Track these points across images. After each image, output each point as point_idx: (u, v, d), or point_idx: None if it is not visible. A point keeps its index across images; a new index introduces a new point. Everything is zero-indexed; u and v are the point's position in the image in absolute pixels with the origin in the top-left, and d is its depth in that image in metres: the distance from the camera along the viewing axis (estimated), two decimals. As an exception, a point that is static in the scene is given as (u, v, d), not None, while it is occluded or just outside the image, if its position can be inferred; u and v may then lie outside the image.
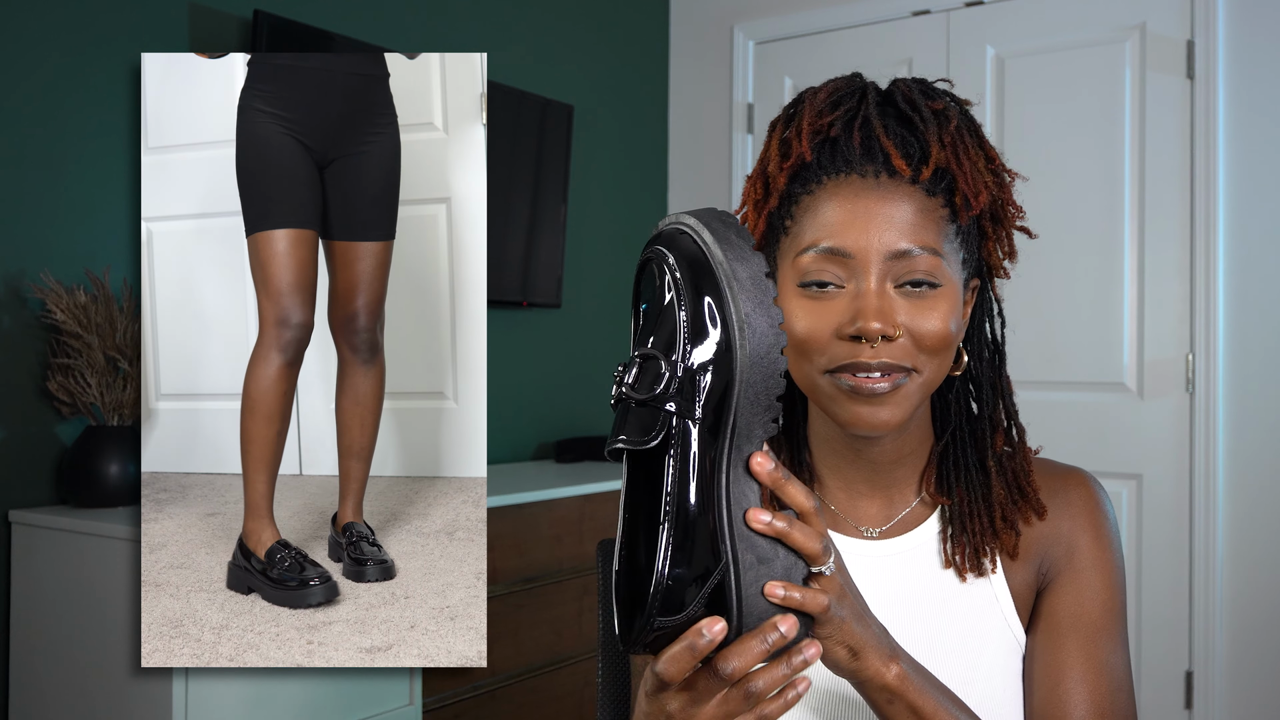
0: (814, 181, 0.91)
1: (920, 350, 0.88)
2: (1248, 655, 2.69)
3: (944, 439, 0.99)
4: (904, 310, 0.88)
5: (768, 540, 0.70)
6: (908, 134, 0.90)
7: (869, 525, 0.99)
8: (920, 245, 0.88)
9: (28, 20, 2.07)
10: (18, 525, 1.99)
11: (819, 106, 0.93)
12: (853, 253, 0.88)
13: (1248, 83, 2.73)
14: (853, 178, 0.89)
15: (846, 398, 0.89)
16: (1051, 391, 2.94)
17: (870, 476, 0.98)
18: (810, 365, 0.90)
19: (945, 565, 0.97)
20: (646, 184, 3.56)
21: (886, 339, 0.87)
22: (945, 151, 0.89)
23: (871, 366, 0.87)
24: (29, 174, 2.07)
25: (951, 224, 0.91)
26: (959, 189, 0.90)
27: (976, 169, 0.91)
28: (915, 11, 3.19)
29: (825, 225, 0.89)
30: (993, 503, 0.96)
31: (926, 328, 0.88)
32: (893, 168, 0.88)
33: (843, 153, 0.90)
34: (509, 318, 3.03)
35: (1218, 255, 2.75)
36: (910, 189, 0.89)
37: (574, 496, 2.52)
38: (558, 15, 3.22)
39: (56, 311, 1.98)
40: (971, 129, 0.93)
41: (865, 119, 0.91)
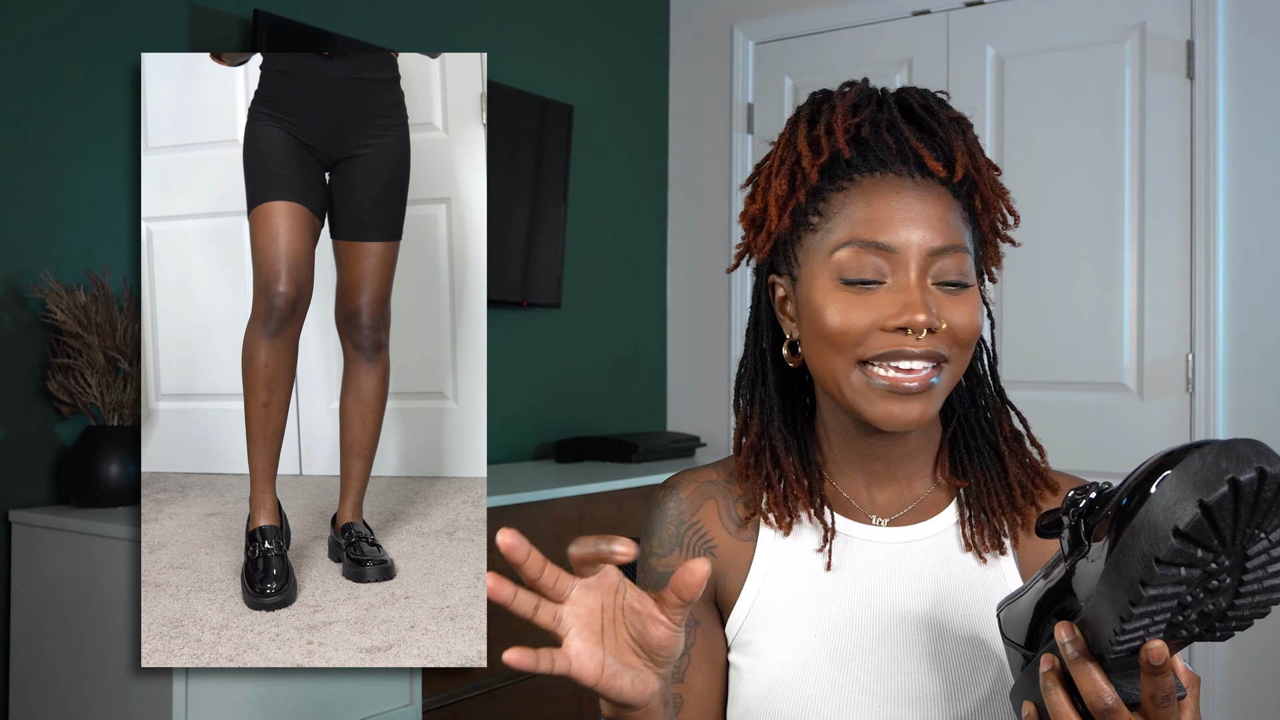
0: (845, 179, 0.93)
1: (955, 343, 0.92)
2: (1248, 655, 2.69)
3: (951, 426, 1.02)
4: (941, 305, 0.91)
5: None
6: (930, 139, 0.94)
7: (882, 514, 1.00)
8: (954, 243, 0.91)
9: (28, 20, 2.07)
10: (18, 525, 1.99)
11: (845, 107, 0.95)
12: (896, 248, 0.90)
13: (1248, 83, 2.73)
14: (889, 176, 0.92)
15: (878, 394, 0.91)
16: (1051, 391, 2.94)
17: (882, 470, 1.00)
18: (843, 358, 0.92)
19: (965, 549, 0.98)
20: (646, 184, 3.56)
21: (931, 331, 0.90)
22: (966, 157, 0.93)
23: (915, 354, 0.89)
24: (29, 174, 2.07)
25: (969, 226, 0.94)
26: (979, 193, 0.94)
27: (993, 174, 0.95)
28: (915, 11, 3.19)
29: (865, 221, 0.91)
30: (1010, 481, 1.00)
31: (962, 322, 0.91)
32: (926, 169, 0.92)
33: (875, 152, 0.93)
34: (509, 318, 3.03)
35: (1218, 255, 2.75)
36: (940, 189, 0.92)
37: (574, 496, 2.52)
38: (558, 15, 3.22)
39: (56, 311, 1.98)
40: (977, 141, 0.98)
41: (892, 122, 0.94)
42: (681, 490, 1.05)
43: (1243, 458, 0.65)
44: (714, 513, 1.03)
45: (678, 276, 3.61)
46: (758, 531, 1.01)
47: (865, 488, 1.01)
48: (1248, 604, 0.70)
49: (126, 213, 2.20)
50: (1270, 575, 0.69)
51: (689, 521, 1.03)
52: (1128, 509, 0.69)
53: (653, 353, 3.58)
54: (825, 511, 1.00)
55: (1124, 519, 0.69)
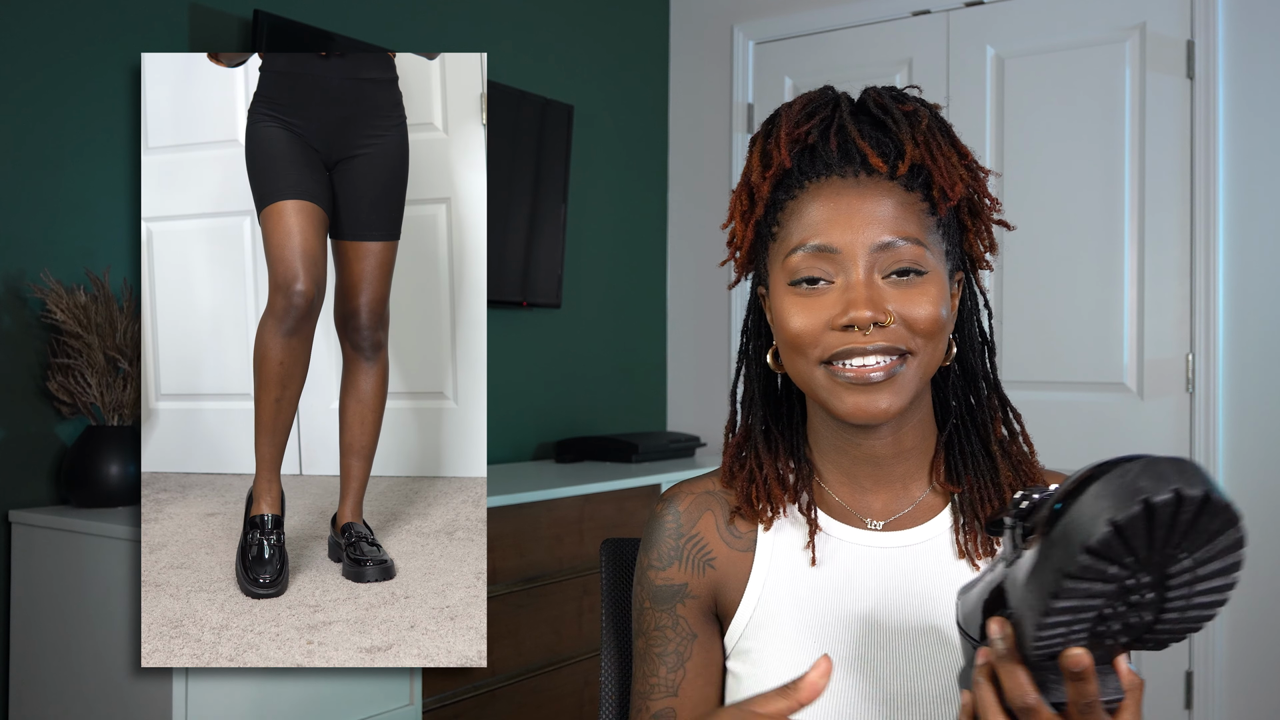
0: (796, 186, 0.95)
1: (914, 334, 0.91)
2: (1248, 655, 2.69)
3: (947, 429, 1.02)
4: (893, 298, 0.91)
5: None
6: (882, 135, 0.94)
7: (874, 518, 1.01)
8: (903, 236, 0.91)
9: (28, 20, 2.07)
10: (18, 525, 1.99)
11: (795, 117, 0.96)
12: (839, 248, 0.91)
13: (1248, 83, 2.73)
14: (833, 179, 0.93)
15: (844, 389, 0.92)
16: (1051, 391, 2.94)
17: (872, 472, 1.00)
18: (805, 360, 0.93)
19: (959, 555, 0.98)
20: (646, 184, 3.56)
21: (879, 325, 0.90)
22: (919, 149, 0.93)
23: (867, 350, 0.90)
24: (29, 174, 2.07)
25: (932, 217, 0.94)
26: (935, 182, 0.93)
27: (950, 163, 0.94)
28: (915, 11, 3.19)
29: (810, 225, 0.93)
30: (1001, 486, 0.99)
31: (918, 313, 0.91)
32: (870, 166, 0.92)
33: (821, 157, 0.94)
34: (509, 318, 3.03)
35: (1218, 255, 2.75)
36: (889, 185, 0.92)
37: (574, 496, 2.52)
38: (558, 15, 3.22)
39: (56, 311, 1.98)
40: (942, 128, 0.97)
41: (840, 125, 0.94)
42: (679, 503, 1.05)
43: (1162, 478, 0.65)
44: (712, 524, 1.03)
45: (678, 276, 3.61)
46: (756, 541, 1.02)
47: (858, 491, 1.01)
48: (1175, 620, 0.70)
49: (126, 213, 2.20)
50: (1196, 594, 0.69)
51: (688, 534, 1.03)
52: (1054, 517, 0.69)
53: (653, 353, 3.59)
54: (810, 509, 1.00)
55: (1049, 527, 0.69)
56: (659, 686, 1.01)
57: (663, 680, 1.01)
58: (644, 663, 1.03)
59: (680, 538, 1.03)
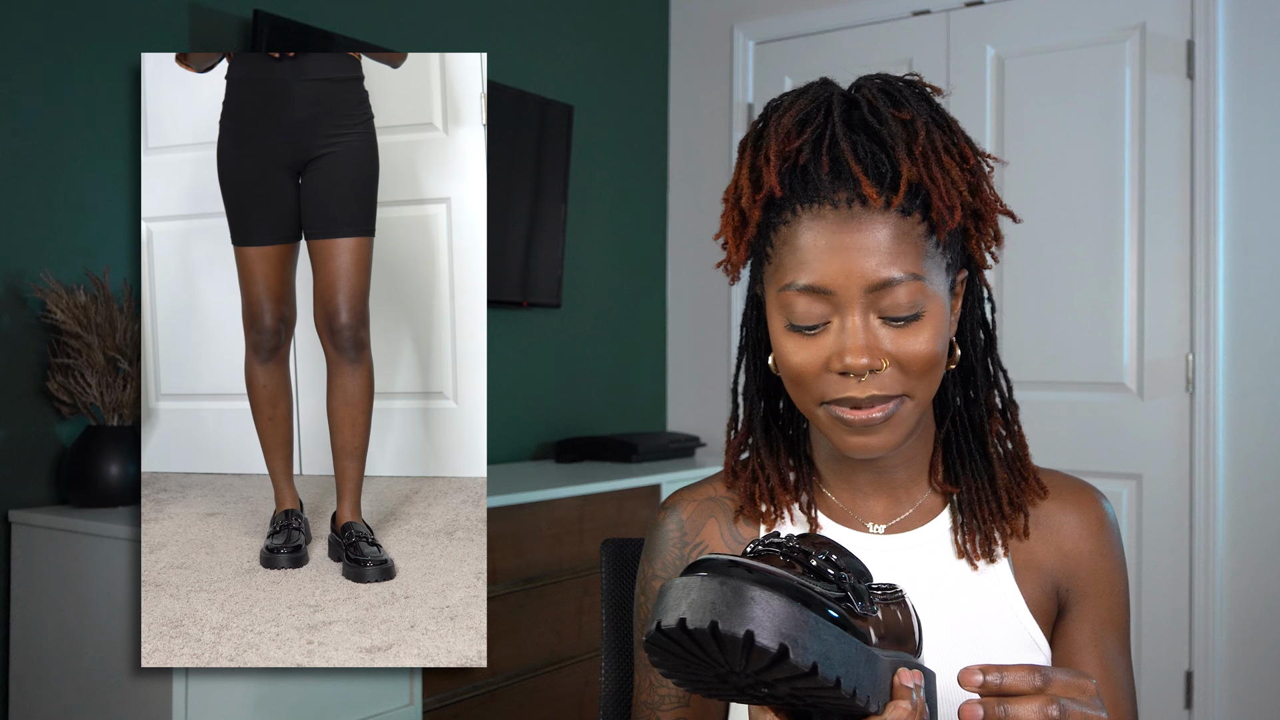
0: (788, 210, 0.89)
1: (909, 376, 0.89)
2: (1248, 655, 2.69)
3: (944, 427, 1.01)
4: (889, 340, 0.88)
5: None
6: (877, 150, 0.88)
7: (875, 522, 1.00)
8: (901, 271, 0.86)
9: (27, 20, 2.07)
10: (18, 525, 1.99)
11: (785, 130, 0.90)
12: (833, 289, 0.87)
13: (1248, 83, 2.73)
14: (825, 208, 0.87)
15: (842, 428, 0.91)
16: (1051, 391, 2.94)
17: (874, 479, 1.00)
18: (806, 396, 0.92)
19: (958, 556, 0.98)
20: (646, 184, 3.56)
21: (874, 372, 0.88)
22: (917, 166, 0.87)
23: (861, 402, 0.88)
24: (29, 174, 2.07)
25: (930, 238, 0.89)
26: (934, 205, 0.87)
27: (950, 179, 0.89)
28: (915, 11, 3.19)
29: (803, 261, 0.88)
30: (998, 487, 0.99)
31: (914, 353, 0.88)
32: (864, 195, 0.86)
33: (813, 181, 0.88)
34: (509, 318, 3.03)
35: (1218, 255, 2.75)
36: (885, 213, 0.87)
37: (574, 496, 2.52)
38: (558, 15, 3.22)
39: (56, 311, 1.98)
40: (942, 126, 0.92)
41: (833, 140, 0.88)
42: (682, 510, 1.04)
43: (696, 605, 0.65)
44: (716, 531, 1.03)
45: (678, 276, 3.61)
46: None
47: (859, 496, 1.01)
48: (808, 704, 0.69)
49: (126, 213, 2.20)
50: (808, 693, 0.67)
51: (692, 543, 1.03)
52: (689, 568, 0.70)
53: (653, 353, 3.59)
54: (811, 508, 1.00)
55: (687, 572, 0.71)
56: (669, 697, 1.00)
57: (673, 690, 1.00)
58: (650, 672, 1.02)
59: (685, 545, 1.03)
